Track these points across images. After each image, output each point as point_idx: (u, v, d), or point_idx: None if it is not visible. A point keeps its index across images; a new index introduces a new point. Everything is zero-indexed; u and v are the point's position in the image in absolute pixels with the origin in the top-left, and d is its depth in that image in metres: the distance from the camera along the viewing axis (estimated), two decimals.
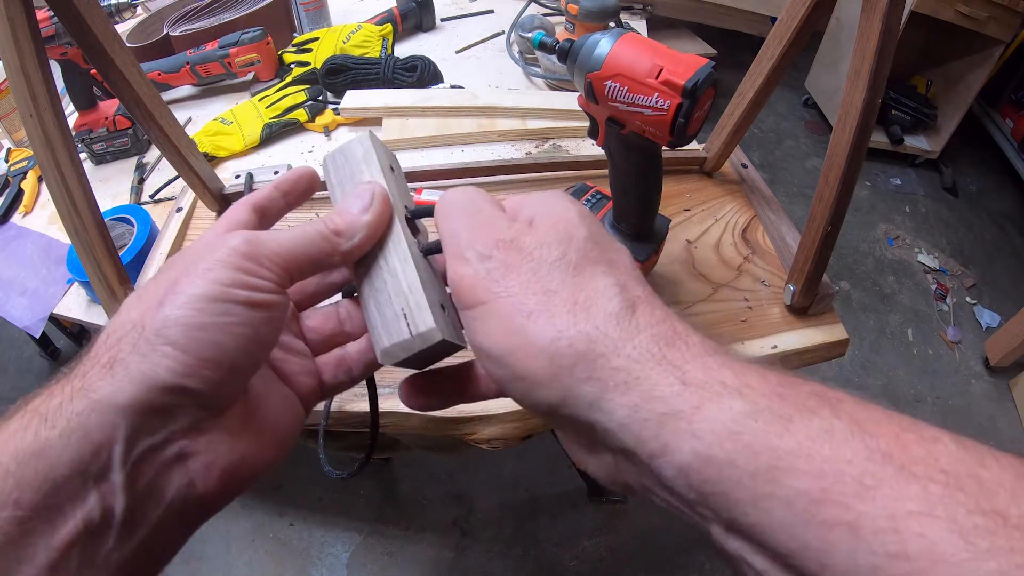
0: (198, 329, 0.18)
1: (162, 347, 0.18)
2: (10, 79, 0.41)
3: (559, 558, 1.18)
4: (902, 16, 0.46)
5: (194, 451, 0.19)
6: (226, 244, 0.20)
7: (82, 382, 0.17)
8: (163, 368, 0.17)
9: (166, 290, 0.19)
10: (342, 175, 0.27)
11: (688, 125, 0.40)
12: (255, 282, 0.20)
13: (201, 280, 0.19)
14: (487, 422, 0.52)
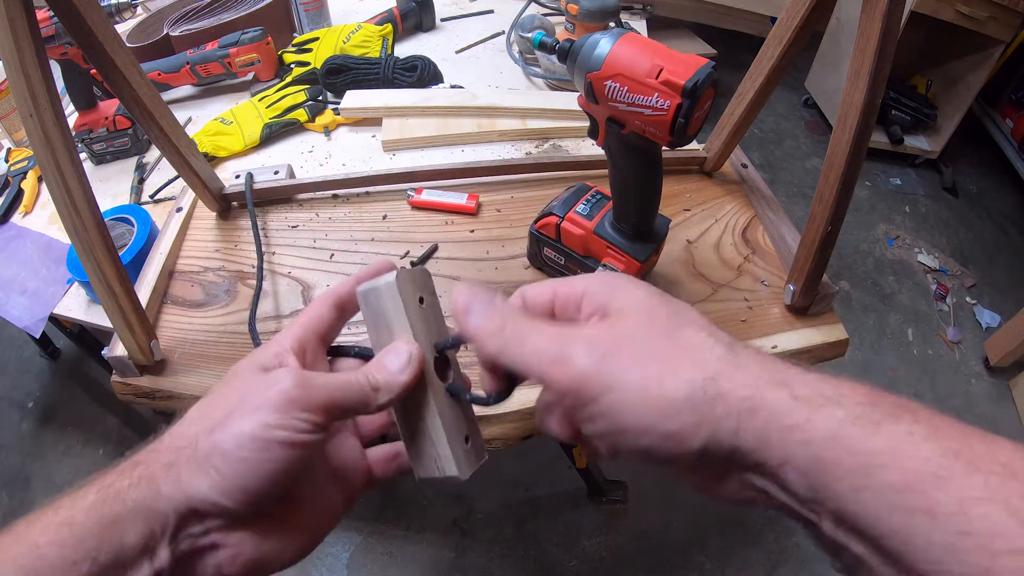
0: (238, 462, 0.22)
1: (208, 468, 0.22)
2: (10, 79, 0.41)
3: (559, 558, 1.18)
4: (902, 16, 0.46)
5: (224, 543, 0.23)
6: (279, 385, 0.23)
7: (147, 471, 0.22)
8: (206, 486, 0.22)
9: (223, 416, 0.23)
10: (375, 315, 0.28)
11: (688, 125, 0.40)
12: (297, 425, 0.23)
13: (251, 419, 0.23)
14: (487, 422, 0.52)
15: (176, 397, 0.54)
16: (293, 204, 0.70)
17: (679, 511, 1.24)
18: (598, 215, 0.55)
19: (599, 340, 0.22)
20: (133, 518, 0.21)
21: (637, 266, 0.52)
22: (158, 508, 0.21)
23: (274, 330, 0.58)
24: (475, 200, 0.68)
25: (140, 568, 0.21)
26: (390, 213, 0.68)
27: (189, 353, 0.56)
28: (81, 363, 1.50)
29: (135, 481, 0.22)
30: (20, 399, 1.44)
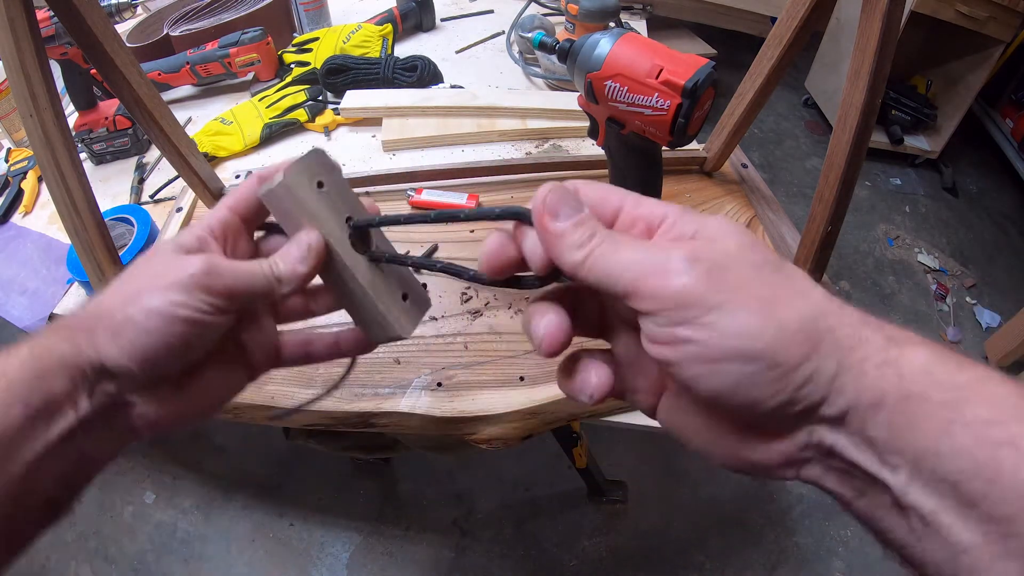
0: (144, 332, 0.24)
1: (118, 336, 0.25)
2: (10, 79, 0.41)
3: (559, 558, 1.18)
4: (902, 16, 0.46)
5: (133, 403, 0.26)
6: (187, 268, 0.25)
7: (71, 334, 0.25)
8: (115, 351, 0.25)
9: (136, 291, 0.25)
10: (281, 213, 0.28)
11: (688, 125, 0.40)
12: (200, 306, 0.25)
13: (159, 296, 0.25)
14: (487, 422, 0.52)
15: None
16: None
17: (679, 511, 1.24)
18: None
19: (703, 255, 0.20)
20: (59, 370, 0.24)
21: None
22: (79, 364, 0.24)
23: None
24: (475, 200, 0.68)
25: (66, 414, 0.24)
26: (390, 213, 0.68)
27: None
28: None
29: (61, 339, 0.25)
30: None
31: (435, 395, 0.52)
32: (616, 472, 1.21)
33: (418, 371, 0.54)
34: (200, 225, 0.28)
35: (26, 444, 0.23)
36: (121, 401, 0.26)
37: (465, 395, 0.52)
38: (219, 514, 1.24)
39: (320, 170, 0.28)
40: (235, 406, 0.53)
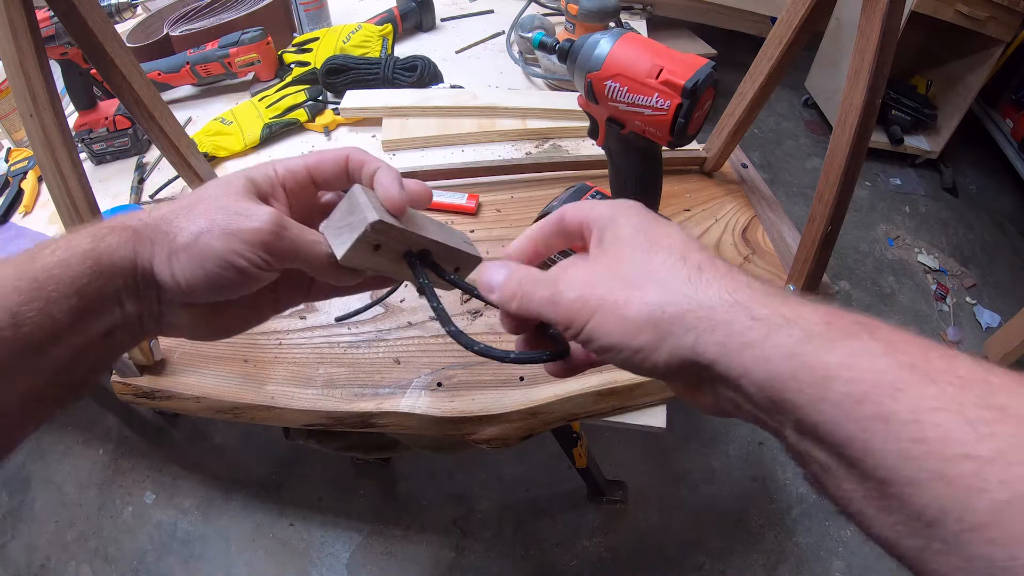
0: (198, 267, 0.26)
1: (175, 260, 0.26)
2: (10, 79, 0.41)
3: (559, 558, 1.18)
4: (902, 16, 0.46)
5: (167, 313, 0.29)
6: (255, 225, 0.27)
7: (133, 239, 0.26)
8: (167, 272, 0.26)
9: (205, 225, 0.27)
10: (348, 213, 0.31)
11: (688, 125, 0.40)
12: (257, 261, 0.27)
13: (224, 241, 0.26)
14: (487, 422, 0.52)
15: (176, 397, 0.54)
16: None
17: (679, 511, 1.24)
18: None
19: (580, 277, 0.26)
20: (115, 273, 0.26)
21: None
22: (134, 271, 0.26)
23: (274, 330, 0.58)
24: (475, 200, 0.68)
25: (112, 312, 0.26)
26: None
27: (188, 353, 0.56)
28: None
29: (124, 243, 0.26)
30: None
31: (435, 395, 0.52)
32: (616, 472, 1.21)
33: (418, 371, 0.54)
34: (275, 168, 0.30)
35: (76, 333, 0.25)
36: (158, 309, 0.28)
37: (465, 395, 0.52)
38: (219, 514, 1.24)
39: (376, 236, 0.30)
40: (235, 406, 0.53)
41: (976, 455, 0.16)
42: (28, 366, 0.23)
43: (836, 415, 0.19)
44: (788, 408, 0.20)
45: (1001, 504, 0.16)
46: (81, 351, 0.25)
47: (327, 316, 0.59)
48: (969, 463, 0.16)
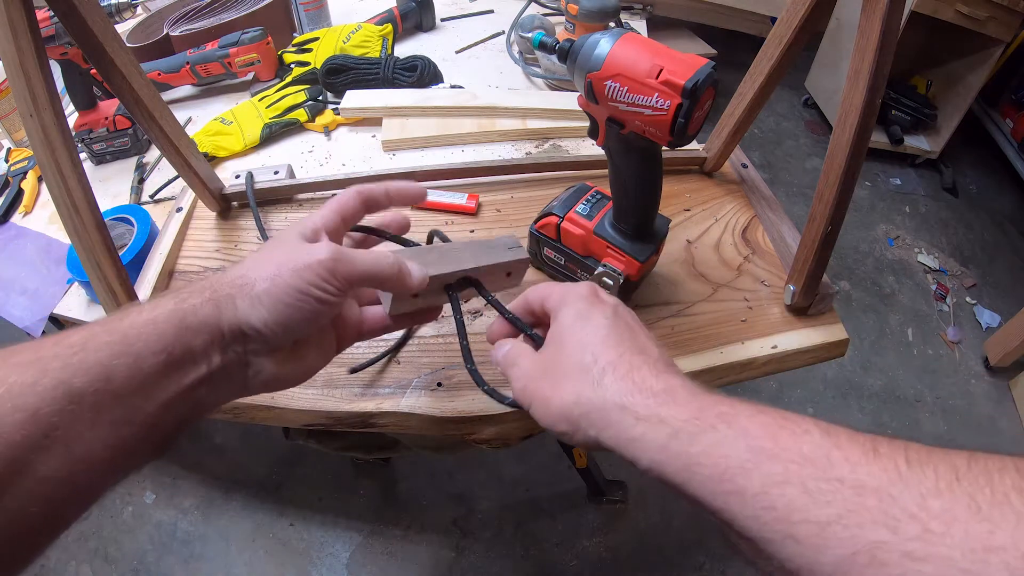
0: (282, 305, 0.29)
1: (259, 306, 0.29)
2: (10, 79, 0.41)
3: (559, 558, 1.18)
4: (902, 16, 0.46)
5: (253, 363, 0.31)
6: (318, 257, 0.30)
7: (215, 296, 0.29)
8: (255, 317, 0.29)
9: (276, 270, 0.30)
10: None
11: (688, 125, 0.40)
12: (328, 288, 0.30)
13: (297, 277, 0.30)
14: (487, 422, 0.52)
15: None
16: (293, 204, 0.70)
17: (679, 511, 1.24)
18: (598, 215, 0.55)
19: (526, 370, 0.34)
20: (200, 328, 0.28)
21: (637, 266, 0.52)
22: (219, 326, 0.28)
23: None
24: (475, 200, 0.68)
25: (199, 367, 0.28)
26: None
27: None
28: None
29: (205, 301, 0.29)
30: None
31: (435, 395, 0.52)
32: (616, 472, 1.21)
33: (418, 371, 0.54)
34: (313, 220, 0.34)
35: (163, 388, 0.27)
36: (243, 361, 0.30)
37: (465, 395, 0.52)
38: (219, 514, 1.24)
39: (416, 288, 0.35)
40: (235, 406, 0.53)
41: (816, 520, 0.20)
42: (118, 419, 0.25)
43: (704, 492, 0.24)
44: (671, 485, 0.25)
45: (841, 558, 0.19)
46: (168, 406, 0.27)
47: None
48: (811, 526, 0.20)
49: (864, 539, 0.19)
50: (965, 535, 0.17)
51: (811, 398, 1.49)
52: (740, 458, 0.23)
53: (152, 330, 0.26)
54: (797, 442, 0.22)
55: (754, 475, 0.22)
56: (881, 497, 0.19)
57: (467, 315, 0.59)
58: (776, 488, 0.21)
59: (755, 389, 1.50)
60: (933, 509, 0.18)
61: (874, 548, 0.19)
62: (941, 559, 0.17)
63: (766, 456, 0.22)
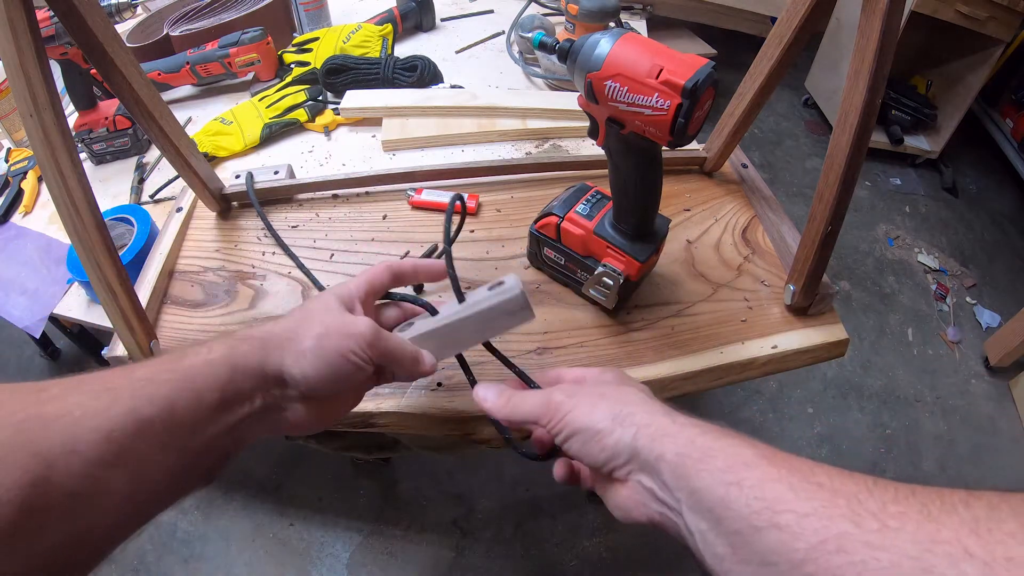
0: (324, 364, 0.34)
1: (303, 360, 0.34)
2: (10, 79, 0.41)
3: (559, 558, 1.18)
4: (902, 16, 0.46)
5: (287, 408, 0.35)
6: (360, 330, 0.36)
7: (263, 345, 0.33)
8: (297, 370, 0.34)
9: (323, 331, 0.35)
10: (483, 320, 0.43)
11: (688, 125, 0.40)
12: (364, 357, 0.36)
13: (342, 343, 0.35)
14: (487, 422, 0.52)
15: None
16: (293, 204, 0.70)
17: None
18: (598, 215, 0.55)
19: (565, 390, 0.37)
20: (249, 373, 0.32)
21: (637, 266, 0.52)
22: (265, 372, 0.33)
23: None
24: (475, 200, 0.68)
25: (243, 406, 0.32)
26: (390, 213, 0.69)
27: None
28: (81, 363, 1.50)
29: (256, 349, 0.33)
30: None
31: (435, 395, 0.52)
32: None
33: None
34: (350, 290, 0.40)
35: (215, 422, 0.30)
36: (280, 405, 0.34)
37: (465, 395, 0.52)
38: (219, 514, 1.24)
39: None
40: None
41: (796, 512, 0.24)
42: (177, 447, 0.29)
43: (712, 480, 0.27)
44: (684, 476, 0.28)
45: (812, 545, 0.23)
46: (217, 438, 0.31)
47: None
48: (791, 516, 0.24)
49: (833, 530, 0.22)
50: (916, 531, 0.21)
51: (811, 398, 1.49)
52: (747, 457, 0.27)
53: (210, 371, 0.30)
54: (788, 457, 0.27)
55: (755, 471, 0.26)
56: (850, 500, 0.23)
57: None
58: (769, 483, 0.25)
59: (755, 389, 1.50)
60: (891, 511, 0.22)
61: (840, 538, 0.22)
62: (894, 548, 0.21)
63: (766, 460, 0.27)
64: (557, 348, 0.56)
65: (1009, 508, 0.20)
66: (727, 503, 0.26)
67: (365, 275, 0.41)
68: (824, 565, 0.22)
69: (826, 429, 1.43)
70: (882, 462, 1.38)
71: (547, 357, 0.55)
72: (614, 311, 0.58)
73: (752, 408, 1.47)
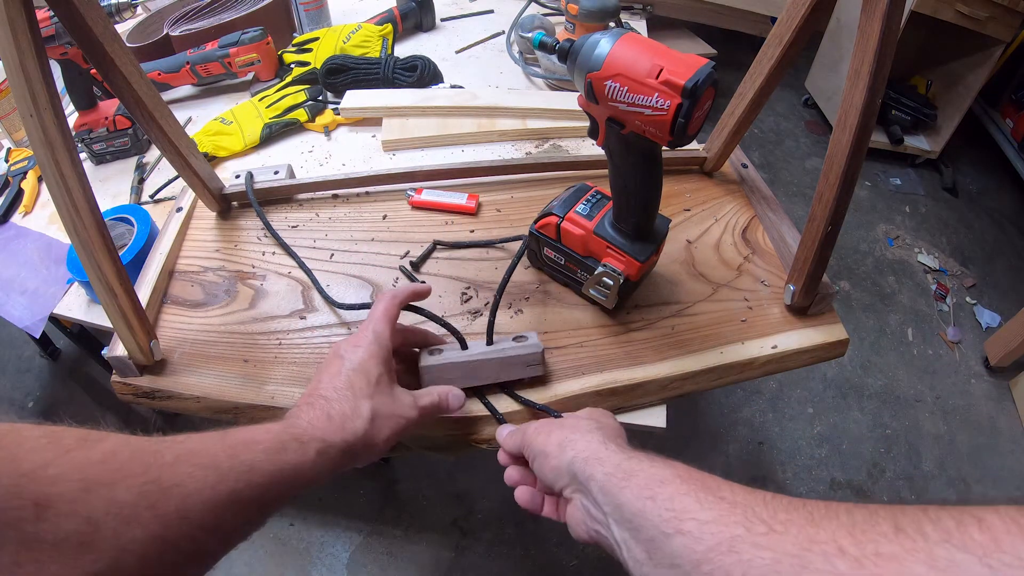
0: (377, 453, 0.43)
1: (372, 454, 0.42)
2: (10, 79, 0.41)
3: (559, 558, 1.18)
4: (902, 16, 0.46)
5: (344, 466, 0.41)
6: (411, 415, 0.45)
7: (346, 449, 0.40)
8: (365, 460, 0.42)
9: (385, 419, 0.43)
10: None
11: (688, 125, 0.40)
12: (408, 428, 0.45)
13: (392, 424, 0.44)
14: (487, 422, 0.52)
15: (176, 397, 0.54)
16: (293, 204, 0.70)
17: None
18: (598, 215, 0.55)
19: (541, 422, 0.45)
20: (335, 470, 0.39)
21: (637, 266, 0.52)
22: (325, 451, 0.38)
23: (274, 330, 0.58)
24: (475, 200, 0.68)
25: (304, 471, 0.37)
26: (390, 213, 0.69)
27: (189, 353, 0.56)
28: (81, 363, 1.50)
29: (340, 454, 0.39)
30: (20, 399, 1.44)
31: None
32: None
33: None
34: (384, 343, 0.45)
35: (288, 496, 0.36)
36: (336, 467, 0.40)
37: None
38: None
39: None
40: (235, 406, 0.53)
41: (699, 519, 0.27)
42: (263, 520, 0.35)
43: (631, 496, 0.31)
44: (610, 494, 0.33)
45: (710, 547, 0.26)
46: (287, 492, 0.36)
47: (327, 316, 0.59)
48: (695, 523, 0.27)
49: (727, 534, 0.26)
50: (798, 533, 0.24)
51: (811, 398, 1.49)
52: (663, 476, 0.32)
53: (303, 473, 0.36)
54: (702, 476, 0.31)
55: (668, 487, 0.30)
56: (745, 510, 0.27)
57: (466, 315, 0.59)
58: (678, 497, 0.29)
59: (755, 389, 1.50)
60: (780, 519, 0.25)
61: (732, 540, 0.25)
62: (777, 548, 0.24)
63: (679, 479, 0.31)
64: (557, 348, 0.56)
65: (887, 512, 0.23)
66: (644, 514, 0.30)
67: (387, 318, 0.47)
68: (718, 564, 0.25)
69: (826, 429, 1.43)
70: (882, 462, 1.38)
71: (547, 357, 0.55)
72: (614, 311, 0.58)
73: (752, 408, 1.47)
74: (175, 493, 0.29)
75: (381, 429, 0.42)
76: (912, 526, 0.21)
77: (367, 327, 0.46)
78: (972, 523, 0.20)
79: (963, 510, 0.21)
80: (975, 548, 0.19)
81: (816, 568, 0.22)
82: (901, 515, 0.22)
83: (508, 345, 0.51)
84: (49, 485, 0.25)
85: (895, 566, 0.20)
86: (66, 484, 0.25)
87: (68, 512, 0.25)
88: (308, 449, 0.37)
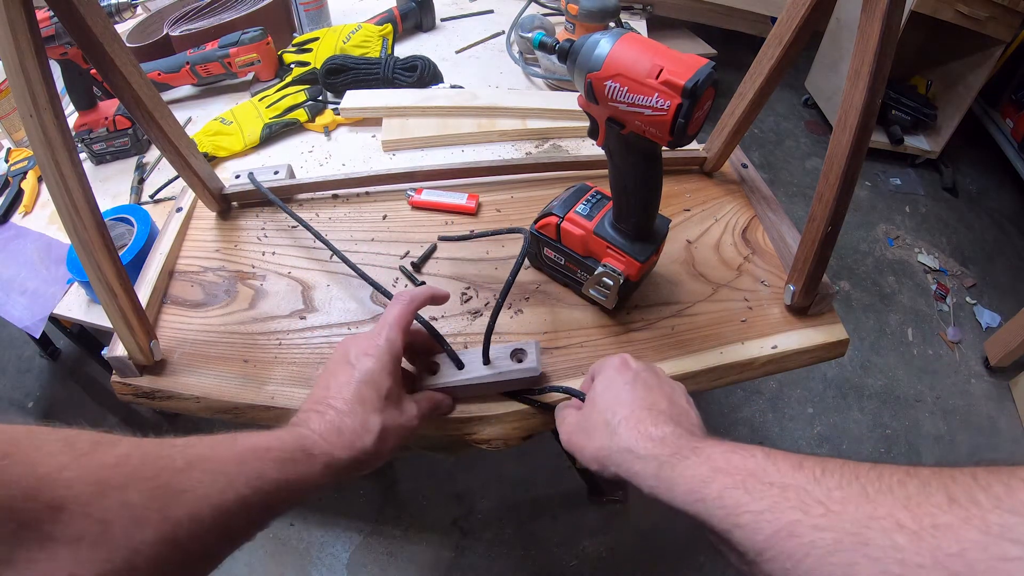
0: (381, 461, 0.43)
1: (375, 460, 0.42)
2: (10, 79, 0.41)
3: (559, 558, 1.18)
4: (902, 16, 0.46)
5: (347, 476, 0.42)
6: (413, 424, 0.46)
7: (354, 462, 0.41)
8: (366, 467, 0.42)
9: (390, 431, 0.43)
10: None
11: (688, 125, 0.40)
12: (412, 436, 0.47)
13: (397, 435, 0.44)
14: (487, 422, 0.52)
15: (176, 397, 0.54)
16: (293, 204, 0.70)
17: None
18: (598, 215, 0.55)
19: (569, 425, 0.46)
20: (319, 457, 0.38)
21: (637, 266, 0.52)
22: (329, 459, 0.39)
23: (274, 330, 0.58)
24: (475, 200, 0.68)
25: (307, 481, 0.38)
26: (390, 213, 0.69)
27: (189, 353, 0.56)
28: (81, 363, 1.50)
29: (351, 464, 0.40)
30: (20, 399, 1.44)
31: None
32: None
33: None
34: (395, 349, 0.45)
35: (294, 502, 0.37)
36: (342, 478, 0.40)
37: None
38: None
39: None
40: (235, 406, 0.53)
41: (753, 511, 0.28)
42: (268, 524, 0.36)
43: (684, 503, 0.32)
44: (665, 502, 0.34)
45: (769, 535, 0.27)
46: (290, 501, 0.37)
47: (327, 316, 0.59)
48: (750, 515, 0.28)
49: (785, 519, 0.26)
50: (856, 511, 0.25)
51: (811, 398, 1.49)
52: (704, 475, 0.32)
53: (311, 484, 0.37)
54: (744, 462, 0.31)
55: (712, 485, 0.31)
56: (799, 492, 0.27)
57: (466, 315, 0.59)
58: (727, 492, 0.30)
59: (755, 389, 1.50)
60: (835, 497, 0.26)
61: (792, 525, 0.26)
62: (837, 528, 0.25)
63: (721, 473, 0.31)
64: (557, 348, 0.56)
65: (939, 482, 0.24)
66: (701, 517, 0.31)
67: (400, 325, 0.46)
68: (779, 549, 0.26)
69: (826, 429, 1.43)
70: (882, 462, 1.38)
71: (547, 357, 0.55)
72: (614, 311, 0.58)
73: (752, 408, 1.47)
74: (185, 497, 0.30)
75: (388, 441, 0.42)
76: (964, 495, 0.22)
77: (380, 332, 0.45)
78: (1020, 487, 0.21)
79: (1012, 472, 0.22)
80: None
81: (877, 544, 0.23)
82: (952, 484, 0.23)
83: (505, 367, 0.50)
84: (64, 488, 0.26)
85: (952, 535, 0.21)
86: (80, 487, 0.26)
87: (82, 513, 0.26)
88: (316, 462, 0.38)
